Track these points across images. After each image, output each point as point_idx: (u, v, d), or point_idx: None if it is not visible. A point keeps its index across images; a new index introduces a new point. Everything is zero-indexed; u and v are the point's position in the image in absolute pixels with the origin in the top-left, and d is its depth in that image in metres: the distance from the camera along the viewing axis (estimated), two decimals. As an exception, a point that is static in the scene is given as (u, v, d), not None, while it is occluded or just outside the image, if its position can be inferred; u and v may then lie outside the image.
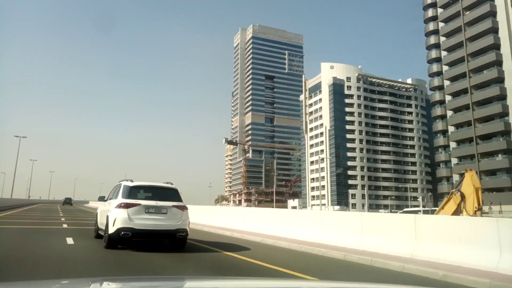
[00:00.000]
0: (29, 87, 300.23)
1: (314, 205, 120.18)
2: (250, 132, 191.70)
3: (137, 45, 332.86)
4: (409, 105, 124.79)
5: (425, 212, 47.07)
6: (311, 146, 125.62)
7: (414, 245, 9.02)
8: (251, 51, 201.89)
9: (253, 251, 10.32)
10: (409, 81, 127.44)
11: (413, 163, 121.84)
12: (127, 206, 9.07)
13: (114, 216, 9.08)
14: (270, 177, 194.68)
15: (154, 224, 9.17)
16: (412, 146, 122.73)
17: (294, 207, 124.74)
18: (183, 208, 9.76)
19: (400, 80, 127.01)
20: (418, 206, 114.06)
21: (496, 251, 7.34)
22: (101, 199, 11.31)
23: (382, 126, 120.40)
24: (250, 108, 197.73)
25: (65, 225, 17.71)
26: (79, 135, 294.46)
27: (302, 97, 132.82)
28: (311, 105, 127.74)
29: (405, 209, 65.03)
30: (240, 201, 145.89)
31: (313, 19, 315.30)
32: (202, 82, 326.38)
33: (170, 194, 9.98)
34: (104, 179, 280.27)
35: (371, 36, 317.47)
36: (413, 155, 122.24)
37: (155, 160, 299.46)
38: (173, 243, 9.84)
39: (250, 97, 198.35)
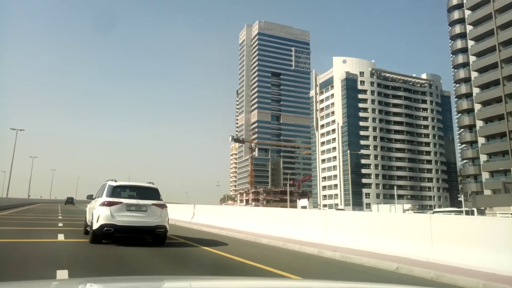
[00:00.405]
0: (32, 86, 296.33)
1: (325, 205, 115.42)
2: (256, 130, 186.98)
3: (139, 44, 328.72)
4: (424, 101, 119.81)
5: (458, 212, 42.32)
6: (322, 143, 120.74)
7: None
8: (257, 47, 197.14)
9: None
10: (423, 76, 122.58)
11: (429, 161, 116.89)
12: (109, 204, 9.75)
13: (98, 213, 9.71)
14: (276, 176, 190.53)
15: (134, 220, 9.81)
16: (427, 144, 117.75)
17: (304, 207, 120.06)
18: (162, 206, 10.38)
19: (414, 75, 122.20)
20: (435, 206, 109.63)
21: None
22: (89, 197, 12.01)
23: (396, 123, 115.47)
24: (256, 105, 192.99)
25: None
26: (83, 134, 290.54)
27: (312, 93, 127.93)
28: (322, 101, 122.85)
29: (436, 210, 60.17)
30: (247, 200, 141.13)
31: (320, 14, 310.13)
32: (206, 80, 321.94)
33: (151, 193, 10.60)
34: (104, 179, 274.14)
35: (381, 30, 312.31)
36: (428, 153, 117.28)
37: (158, 159, 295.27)
38: (153, 239, 10.39)
39: (256, 95, 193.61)
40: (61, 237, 11.30)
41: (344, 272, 7.61)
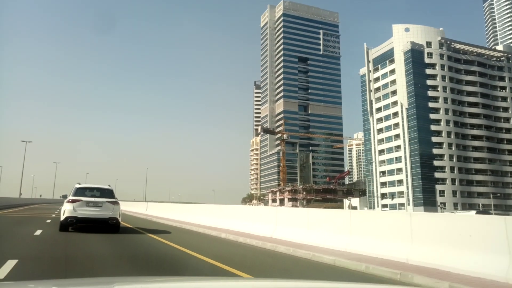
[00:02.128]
0: (37, 82, 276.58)
1: (386, 205, 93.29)
2: (283, 121, 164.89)
3: (150, 36, 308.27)
4: (502, 78, 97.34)
5: None
6: (380, 131, 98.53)
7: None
8: (281, 29, 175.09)
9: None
10: (499, 48, 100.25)
11: (511, 152, 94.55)
12: (73, 201, 12.41)
13: (64, 209, 12.46)
14: (305, 172, 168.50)
15: (92, 214, 12.49)
16: (508, 130, 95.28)
17: (353, 208, 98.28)
18: (115, 203, 13.00)
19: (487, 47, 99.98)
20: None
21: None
22: (64, 196, 14.20)
23: (471, 104, 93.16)
24: (281, 94, 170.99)
25: None
26: (94, 131, 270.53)
27: (363, 71, 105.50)
28: (377, 79, 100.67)
29: None
30: (281, 200, 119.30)
31: None
32: (218, 73, 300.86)
33: (106, 193, 13.41)
34: (120, 176, 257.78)
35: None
36: (510, 141, 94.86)
37: (171, 155, 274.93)
38: (108, 227, 12.70)
39: (282, 82, 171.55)
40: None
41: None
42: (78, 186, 13.31)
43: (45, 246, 9.38)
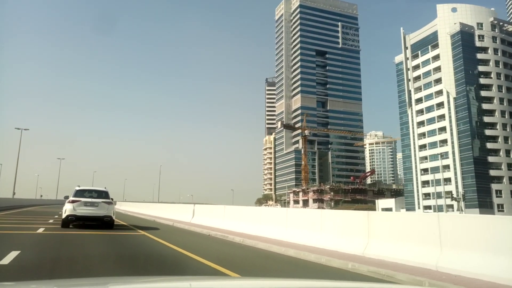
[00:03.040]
0: (42, 82, 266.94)
1: (428, 206, 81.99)
2: (302, 117, 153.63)
3: (155, 34, 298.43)
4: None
5: None
6: (420, 123, 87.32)
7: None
8: (298, 21, 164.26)
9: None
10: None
11: None
12: (73, 202, 14.16)
13: (65, 208, 14.27)
14: (323, 172, 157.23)
15: (89, 212, 14.21)
16: None
17: (386, 209, 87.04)
18: (109, 203, 14.74)
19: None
20: None
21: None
22: (66, 197, 15.17)
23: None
24: (299, 89, 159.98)
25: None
26: (103, 130, 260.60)
27: (399, 58, 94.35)
28: (416, 67, 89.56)
29: None
30: (305, 201, 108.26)
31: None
32: (229, 71, 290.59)
33: (102, 194, 15.16)
34: (129, 176, 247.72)
35: None
36: None
37: (180, 155, 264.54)
38: (103, 224, 14.47)
39: (299, 77, 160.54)
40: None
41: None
42: (77, 188, 15.24)
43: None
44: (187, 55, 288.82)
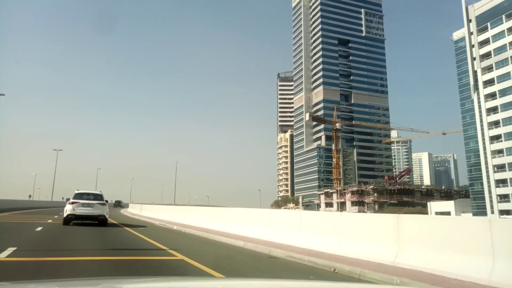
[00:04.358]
0: (47, 83, 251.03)
1: (507, 211, 65.94)
2: (322, 111, 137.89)
3: (158, 32, 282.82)
4: None
5: None
6: (491, 111, 71.50)
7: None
8: (319, 7, 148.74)
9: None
10: None
11: None
12: (72, 203, 16.78)
13: (66, 208, 16.92)
14: (349, 171, 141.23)
15: (86, 212, 16.75)
16: None
17: (442, 214, 71.21)
18: (103, 204, 17.39)
19: None
20: None
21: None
22: (67, 200, 17.71)
23: None
24: (321, 81, 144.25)
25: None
26: (105, 131, 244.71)
27: (458, 34, 78.62)
28: (484, 42, 73.83)
29: None
30: (341, 204, 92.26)
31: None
32: (237, 69, 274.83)
33: (98, 196, 17.88)
34: (136, 175, 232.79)
35: None
36: None
37: (184, 157, 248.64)
38: (99, 222, 17.15)
39: (321, 67, 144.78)
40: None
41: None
42: (77, 192, 17.81)
43: None
44: (188, 54, 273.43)
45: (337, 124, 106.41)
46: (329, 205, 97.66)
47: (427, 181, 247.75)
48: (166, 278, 4.30)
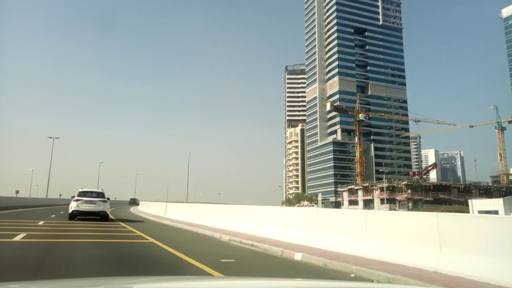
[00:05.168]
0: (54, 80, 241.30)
1: None
2: (338, 103, 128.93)
3: (160, 27, 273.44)
4: None
5: None
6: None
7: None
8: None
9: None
10: None
11: None
12: (76, 200, 18.25)
13: (71, 205, 18.34)
14: (363, 167, 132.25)
15: (89, 208, 18.24)
16: None
17: (487, 212, 62.67)
18: (105, 201, 18.87)
19: None
20: None
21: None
22: (72, 197, 19.13)
23: None
24: (336, 71, 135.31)
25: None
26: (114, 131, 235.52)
27: (508, 11, 69.83)
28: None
29: None
30: (368, 201, 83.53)
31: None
32: (242, 63, 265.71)
33: (100, 194, 19.27)
34: (140, 171, 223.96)
35: None
36: None
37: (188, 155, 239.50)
38: (101, 218, 18.65)
39: (336, 56, 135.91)
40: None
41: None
42: (80, 190, 19.15)
43: None
44: (188, 49, 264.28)
45: (360, 115, 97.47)
46: (353, 203, 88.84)
47: (433, 178, 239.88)
48: (166, 278, 4.14)
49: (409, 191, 75.38)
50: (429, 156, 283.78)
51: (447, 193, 78.57)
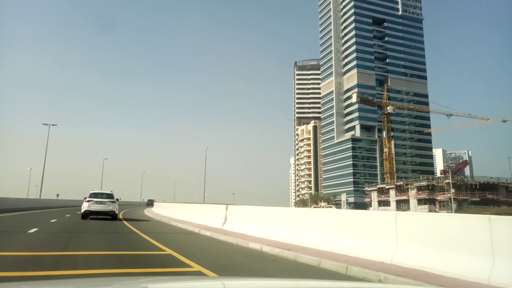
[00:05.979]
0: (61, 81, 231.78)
1: None
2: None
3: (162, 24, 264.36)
4: None
5: None
6: None
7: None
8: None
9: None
10: None
11: None
12: (88, 201, 19.61)
13: (83, 205, 19.77)
14: (392, 164, 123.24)
15: (99, 208, 19.55)
16: None
17: None
18: (114, 202, 20.20)
19: None
20: None
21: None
22: (85, 198, 20.11)
23: None
24: (354, 63, 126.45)
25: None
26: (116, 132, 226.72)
27: None
28: None
29: None
30: (402, 202, 74.75)
31: None
32: (248, 62, 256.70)
33: (109, 195, 20.54)
34: (147, 169, 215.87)
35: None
36: None
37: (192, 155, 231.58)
38: (110, 217, 19.84)
39: (354, 48, 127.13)
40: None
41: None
42: (92, 191, 20.50)
43: None
44: (188, 48, 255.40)
45: (388, 108, 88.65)
46: (384, 203, 79.92)
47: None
48: (165, 278, 4.18)
49: (453, 190, 66.25)
50: (437, 155, 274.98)
51: (495, 193, 69.72)
